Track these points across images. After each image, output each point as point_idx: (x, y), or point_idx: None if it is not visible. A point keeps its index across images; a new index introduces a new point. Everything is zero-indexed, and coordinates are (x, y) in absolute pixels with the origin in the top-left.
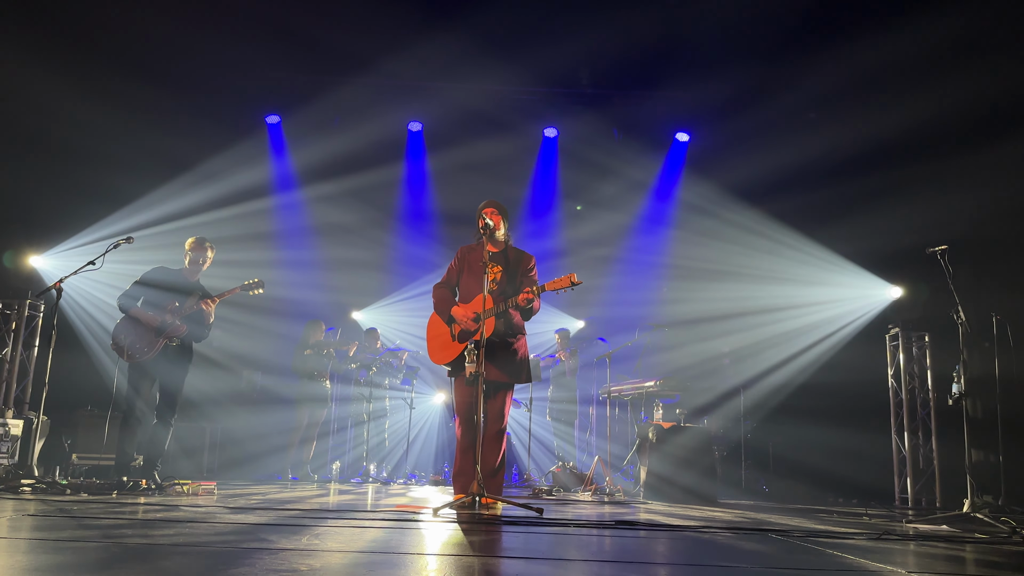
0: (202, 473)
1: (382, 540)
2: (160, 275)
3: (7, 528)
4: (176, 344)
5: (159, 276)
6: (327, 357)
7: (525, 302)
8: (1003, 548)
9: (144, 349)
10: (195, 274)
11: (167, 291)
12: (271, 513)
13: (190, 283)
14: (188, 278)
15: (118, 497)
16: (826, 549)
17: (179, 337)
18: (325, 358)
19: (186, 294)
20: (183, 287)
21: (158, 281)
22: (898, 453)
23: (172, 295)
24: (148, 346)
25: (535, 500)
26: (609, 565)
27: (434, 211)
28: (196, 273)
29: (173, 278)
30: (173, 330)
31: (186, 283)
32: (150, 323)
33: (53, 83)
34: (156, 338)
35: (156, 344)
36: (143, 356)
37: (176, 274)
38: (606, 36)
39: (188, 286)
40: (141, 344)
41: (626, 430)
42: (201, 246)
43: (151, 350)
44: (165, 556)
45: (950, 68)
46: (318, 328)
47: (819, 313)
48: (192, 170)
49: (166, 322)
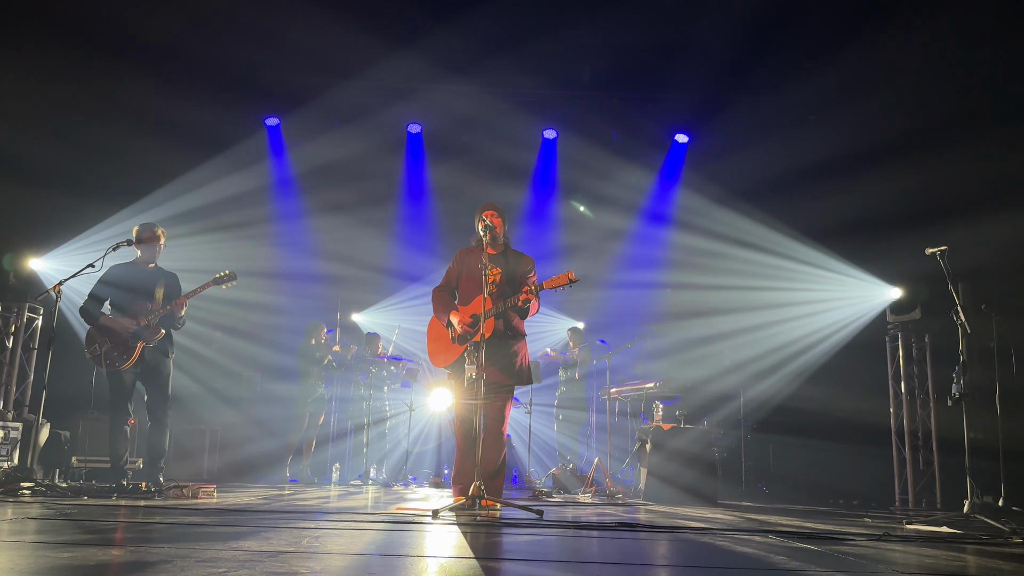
0: (202, 475)
1: (382, 542)
2: (118, 275)
3: (7, 531)
4: (153, 346)
5: (118, 277)
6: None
7: (524, 302)
8: (1004, 549)
9: (123, 357)
10: (150, 262)
11: (130, 290)
12: (271, 515)
13: (150, 272)
14: (144, 268)
15: (118, 500)
16: (827, 550)
17: (156, 341)
18: (323, 362)
19: (151, 285)
20: (145, 280)
21: (119, 282)
22: (898, 454)
23: (137, 294)
24: (126, 353)
25: (535, 502)
26: (610, 567)
27: (434, 212)
28: (152, 261)
29: (132, 274)
30: (150, 335)
31: (146, 274)
32: (125, 330)
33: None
34: (132, 344)
35: (134, 351)
36: (122, 364)
37: (132, 268)
38: (606, 37)
39: (149, 277)
40: (118, 352)
41: (626, 432)
42: (150, 231)
43: (129, 358)
44: (165, 559)
45: (949, 67)
46: (320, 330)
47: (818, 313)
48: (192, 172)
49: (141, 328)
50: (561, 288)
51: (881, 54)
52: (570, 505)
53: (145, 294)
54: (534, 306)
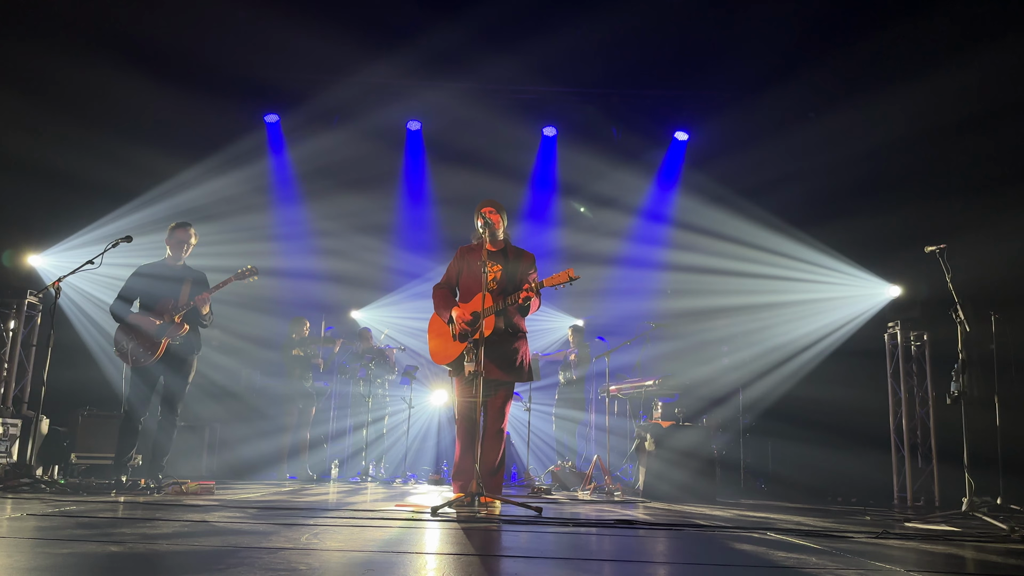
0: (201, 472)
1: (381, 539)
2: (146, 273)
3: (6, 528)
4: (179, 343)
5: (146, 275)
6: (311, 355)
7: (524, 299)
8: (1002, 547)
9: (148, 354)
10: (179, 260)
11: (158, 287)
12: (270, 512)
13: (177, 270)
14: (173, 265)
15: (117, 497)
16: (826, 547)
17: (181, 337)
18: (310, 356)
19: (178, 283)
20: (172, 277)
21: (147, 280)
22: (897, 452)
23: (164, 291)
24: (151, 350)
25: (534, 499)
26: (608, 564)
27: (433, 210)
28: (180, 259)
29: (159, 272)
30: (174, 332)
31: (173, 272)
32: (149, 327)
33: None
34: (158, 341)
35: (158, 347)
36: (147, 361)
37: (160, 267)
38: (606, 35)
39: (176, 274)
40: (144, 349)
41: (625, 429)
42: (183, 229)
43: (154, 354)
44: (164, 556)
45: (950, 66)
46: (301, 325)
47: (818, 311)
48: (191, 168)
49: (166, 324)
50: (562, 286)
51: (881, 52)
52: (569, 502)
53: (172, 292)
54: (534, 304)
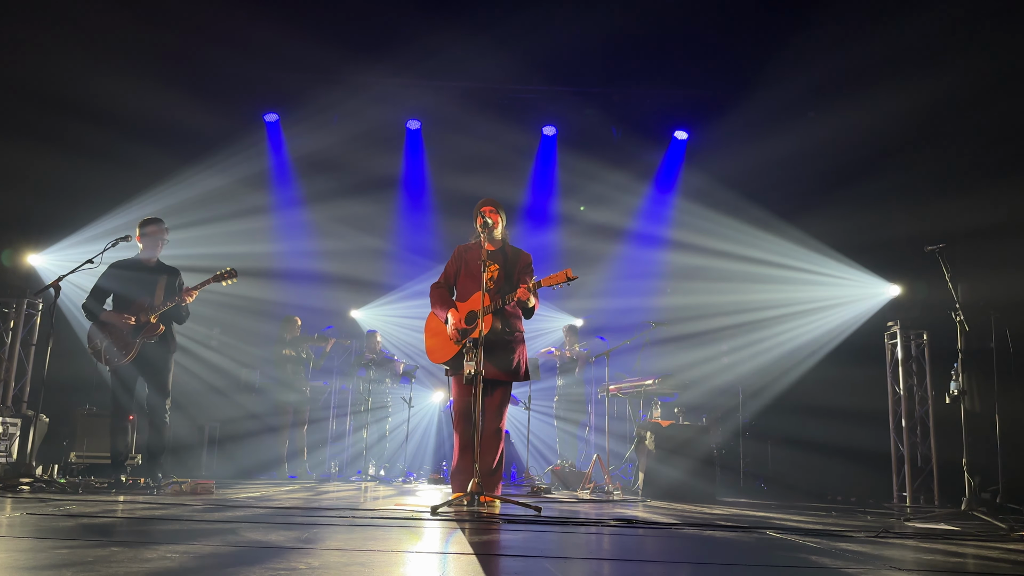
0: (200, 471)
1: (380, 538)
2: (119, 270)
3: (5, 527)
4: (154, 342)
5: (119, 272)
6: (303, 354)
7: (522, 299)
8: (1001, 545)
9: (121, 354)
10: (153, 256)
11: (133, 285)
12: (269, 511)
13: (151, 267)
14: (147, 262)
15: (116, 496)
16: (826, 546)
17: (156, 337)
18: (302, 355)
19: (152, 281)
20: (146, 276)
21: (120, 278)
22: (896, 451)
23: (139, 289)
24: (124, 350)
25: (534, 498)
26: (607, 563)
27: (432, 209)
28: (154, 256)
29: (133, 268)
30: (149, 332)
31: (147, 269)
32: (124, 327)
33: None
34: (132, 340)
35: (132, 346)
36: (120, 361)
37: (134, 264)
38: (605, 34)
39: (151, 271)
40: (117, 347)
41: (625, 429)
42: (156, 225)
43: (128, 353)
44: (163, 555)
45: (949, 65)
46: (292, 324)
47: (818, 311)
48: (191, 167)
49: (141, 324)
50: (559, 285)
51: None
52: (568, 501)
53: (146, 289)
54: (533, 303)
